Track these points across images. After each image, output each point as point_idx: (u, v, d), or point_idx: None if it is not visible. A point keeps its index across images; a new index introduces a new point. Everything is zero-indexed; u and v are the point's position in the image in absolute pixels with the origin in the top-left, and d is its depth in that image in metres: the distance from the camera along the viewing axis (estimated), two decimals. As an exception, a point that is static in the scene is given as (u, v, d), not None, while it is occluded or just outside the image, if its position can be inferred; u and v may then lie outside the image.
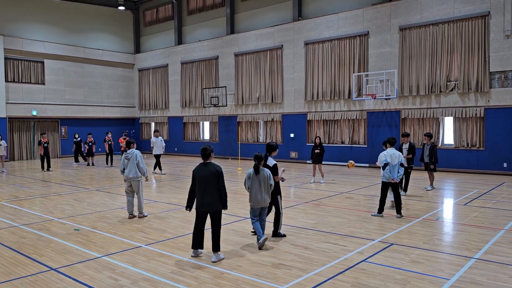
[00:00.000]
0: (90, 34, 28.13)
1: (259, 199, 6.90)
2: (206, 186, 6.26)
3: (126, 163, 9.12)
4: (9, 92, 24.20)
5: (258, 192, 6.90)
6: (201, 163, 6.44)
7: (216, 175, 6.28)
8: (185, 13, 27.38)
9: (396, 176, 8.93)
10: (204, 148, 6.41)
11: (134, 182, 9.13)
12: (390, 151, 9.08)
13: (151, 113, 29.45)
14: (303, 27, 21.04)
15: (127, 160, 9.12)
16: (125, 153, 9.22)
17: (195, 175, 6.39)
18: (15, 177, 17.05)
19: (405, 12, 17.84)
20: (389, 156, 8.98)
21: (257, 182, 6.90)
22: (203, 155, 6.42)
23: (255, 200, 6.92)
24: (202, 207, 6.32)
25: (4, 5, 24.32)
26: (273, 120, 22.60)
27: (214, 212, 6.33)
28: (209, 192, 6.26)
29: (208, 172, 6.29)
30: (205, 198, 6.26)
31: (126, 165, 9.10)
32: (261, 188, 6.88)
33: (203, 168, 6.36)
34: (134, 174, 9.08)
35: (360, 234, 7.72)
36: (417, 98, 17.76)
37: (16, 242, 7.38)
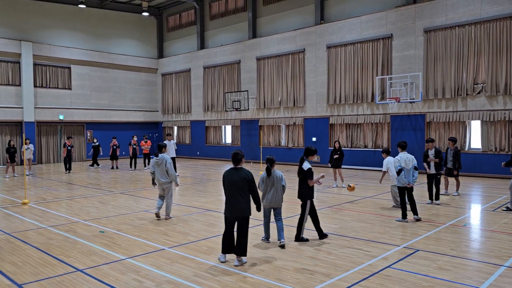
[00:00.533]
0: (115, 40, 28.73)
1: (269, 200, 7.14)
2: (237, 192, 6.18)
3: (156, 168, 9.30)
4: (37, 97, 24.91)
5: (270, 193, 7.13)
6: (232, 168, 6.35)
7: (248, 181, 6.22)
8: (207, 18, 27.65)
9: (411, 180, 8.91)
10: (235, 153, 6.33)
11: (165, 186, 9.34)
12: (403, 155, 9.01)
13: (173, 117, 29.79)
14: (325, 31, 20.93)
15: (157, 165, 9.29)
16: (156, 158, 9.34)
17: (225, 180, 6.30)
18: (42, 179, 17.50)
19: (429, 14, 17.53)
20: (402, 160, 8.92)
21: (270, 183, 7.14)
22: (234, 160, 6.34)
23: (267, 200, 7.17)
24: (233, 213, 6.24)
25: (34, 13, 25.09)
26: (295, 124, 22.53)
27: (244, 218, 6.27)
28: (240, 198, 6.18)
29: (239, 177, 6.21)
30: (237, 204, 6.18)
31: (156, 169, 9.30)
32: (272, 189, 7.13)
33: (234, 173, 6.28)
34: (165, 179, 9.29)
35: (384, 239, 7.59)
36: (442, 101, 17.39)
37: (44, 243, 7.56)
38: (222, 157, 26.21)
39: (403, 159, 8.92)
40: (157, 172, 9.28)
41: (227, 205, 6.27)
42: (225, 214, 6.33)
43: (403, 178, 8.81)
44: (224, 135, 27.08)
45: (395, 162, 8.98)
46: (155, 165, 9.31)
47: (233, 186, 6.19)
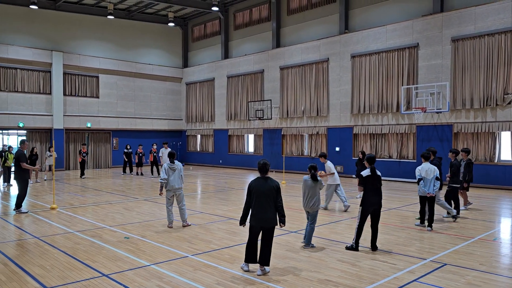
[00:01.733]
0: (141, 50, 29.37)
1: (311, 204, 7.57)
2: (265, 201, 6.13)
3: (171, 173, 9.32)
4: (66, 105, 25.65)
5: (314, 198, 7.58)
6: (260, 178, 6.29)
7: (276, 190, 6.20)
8: (231, 28, 27.96)
9: (432, 190, 9.14)
10: (264, 163, 6.30)
11: (178, 192, 9.40)
12: (425, 165, 9.29)
13: (197, 126, 30.10)
14: (350, 40, 20.84)
15: (172, 171, 9.33)
16: (171, 164, 9.37)
17: (253, 189, 6.22)
18: (69, 185, 17.93)
19: (457, 23, 17.23)
20: (423, 171, 9.21)
21: (313, 189, 7.54)
22: (262, 170, 6.30)
23: (308, 204, 7.61)
24: (260, 223, 6.18)
25: (65, 24, 25.94)
26: (318, 134, 22.41)
27: (270, 228, 6.22)
28: (269, 207, 6.14)
29: (268, 187, 6.17)
30: (264, 214, 6.12)
31: (171, 175, 9.31)
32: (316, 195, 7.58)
33: (263, 183, 6.22)
34: (179, 185, 9.37)
35: (411, 252, 7.42)
36: (470, 112, 16.99)
37: (71, 248, 7.73)
38: (244, 166, 26.27)
39: (424, 169, 9.22)
40: (172, 178, 9.28)
41: (254, 214, 6.20)
42: (251, 223, 6.27)
43: (422, 188, 9.17)
44: (247, 144, 27.17)
45: (416, 172, 9.32)
46: (169, 171, 9.29)
47: (261, 196, 6.14)
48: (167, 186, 9.35)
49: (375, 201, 7.51)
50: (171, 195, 9.42)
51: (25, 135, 24.52)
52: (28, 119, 24.20)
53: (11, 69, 23.99)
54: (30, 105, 24.49)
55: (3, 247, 7.85)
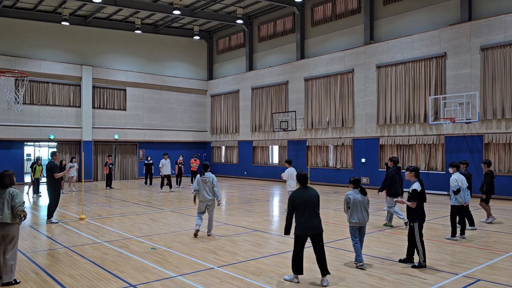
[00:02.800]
0: (167, 63, 29.95)
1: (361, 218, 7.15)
2: (311, 210, 6.31)
3: (203, 185, 9.50)
4: (95, 118, 26.33)
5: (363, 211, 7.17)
6: (301, 188, 6.51)
7: (318, 198, 6.47)
8: (256, 40, 28.19)
9: (467, 199, 9.45)
10: (305, 174, 6.55)
11: (210, 203, 9.59)
12: (459, 175, 9.33)
13: (222, 137, 30.31)
14: (375, 50, 20.66)
15: (204, 183, 9.50)
16: (203, 176, 9.51)
17: (298, 199, 6.34)
18: (97, 196, 18.30)
19: (486, 32, 16.85)
20: (460, 180, 9.22)
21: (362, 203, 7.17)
22: (303, 180, 6.53)
23: (359, 219, 7.13)
24: (309, 231, 6.31)
25: (94, 39, 26.79)
26: (343, 145, 22.18)
27: (319, 234, 6.39)
28: (315, 215, 6.34)
29: (312, 195, 6.40)
30: (312, 222, 6.30)
31: (202, 187, 9.49)
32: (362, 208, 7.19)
33: (305, 192, 6.42)
34: (211, 196, 9.54)
35: (441, 267, 7.19)
36: (502, 122, 16.49)
37: (99, 258, 7.85)
38: (269, 177, 26.21)
39: (460, 179, 9.23)
40: (203, 190, 9.48)
41: (300, 224, 6.30)
42: (297, 233, 6.35)
43: (462, 197, 9.21)
44: (271, 155, 27.14)
45: (452, 181, 9.22)
46: (201, 183, 9.50)
47: (305, 205, 6.30)
48: (199, 197, 9.60)
49: (424, 214, 7.53)
50: (204, 206, 9.63)
51: (56, 147, 25.26)
52: (58, 132, 24.94)
53: (43, 83, 24.86)
54: (61, 118, 25.26)
55: (35, 256, 8.04)
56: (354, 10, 22.19)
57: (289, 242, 9.15)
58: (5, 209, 6.17)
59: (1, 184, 6.33)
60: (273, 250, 8.47)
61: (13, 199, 6.22)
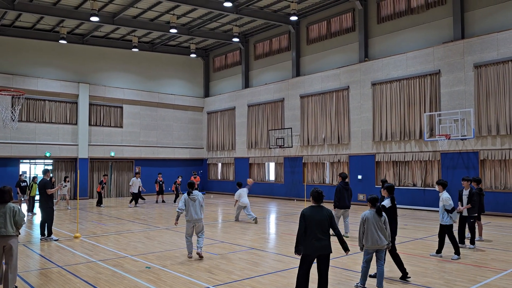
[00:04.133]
0: (164, 80, 30.11)
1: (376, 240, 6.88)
2: (320, 230, 6.06)
3: (191, 204, 9.17)
4: (91, 135, 26.29)
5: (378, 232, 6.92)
6: (313, 206, 6.26)
7: (330, 218, 6.21)
8: (252, 58, 28.45)
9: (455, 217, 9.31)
10: (319, 192, 6.26)
11: (198, 223, 9.25)
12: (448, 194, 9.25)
13: (218, 154, 30.29)
14: (370, 68, 20.88)
15: (192, 201, 9.19)
16: (191, 195, 9.22)
17: (308, 218, 6.12)
18: (93, 214, 18.13)
19: (479, 49, 17.09)
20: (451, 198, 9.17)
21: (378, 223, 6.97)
22: (318, 199, 6.25)
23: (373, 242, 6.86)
24: (316, 251, 6.04)
25: (91, 57, 26.95)
26: (340, 161, 22.19)
27: (327, 255, 6.12)
28: (324, 235, 6.07)
29: (323, 215, 6.14)
30: (321, 242, 6.03)
31: (191, 206, 9.16)
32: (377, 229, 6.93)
33: (317, 210, 6.19)
34: (199, 216, 9.21)
35: (439, 285, 7.13)
36: (497, 138, 16.59)
37: (93, 277, 7.73)
38: (265, 194, 26.11)
39: (451, 197, 9.17)
40: (192, 209, 9.15)
41: (309, 243, 6.03)
42: (305, 253, 6.08)
43: (456, 215, 9.25)
44: (267, 172, 27.09)
45: (447, 200, 9.04)
46: (189, 201, 9.17)
47: (317, 224, 6.06)
48: (186, 217, 9.24)
49: (395, 230, 7.62)
50: (191, 226, 9.27)
51: (52, 164, 25.13)
52: (54, 149, 24.85)
53: (39, 100, 24.88)
54: (57, 135, 25.21)
55: (27, 275, 7.91)
56: (348, 29, 22.50)
57: (285, 261, 9.08)
58: (7, 223, 6.66)
59: (1, 200, 6.82)
60: (269, 269, 8.38)
61: (16, 215, 6.75)
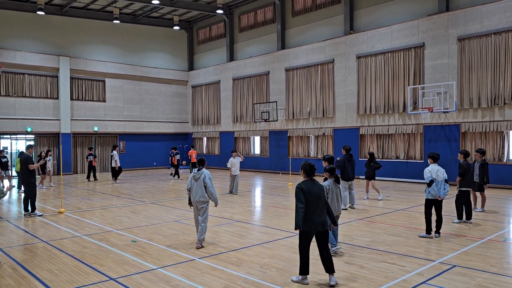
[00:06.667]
0: (147, 54, 29.51)
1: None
2: (318, 205, 5.85)
3: (193, 183, 8.06)
4: (73, 109, 25.82)
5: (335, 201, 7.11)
6: (308, 180, 5.94)
7: (324, 192, 6.05)
8: (236, 31, 28.00)
9: (442, 193, 8.49)
10: (311, 165, 5.95)
11: (200, 206, 8.03)
12: (435, 167, 8.57)
13: (203, 128, 30.16)
14: (355, 41, 20.77)
15: (194, 181, 8.05)
16: (194, 173, 8.13)
17: (306, 192, 5.79)
18: (77, 189, 18.02)
19: (463, 22, 17.11)
20: (434, 172, 8.49)
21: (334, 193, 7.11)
22: (310, 172, 5.95)
23: None
24: (316, 227, 5.83)
25: (71, 29, 26.16)
26: (324, 135, 22.34)
27: (326, 231, 5.95)
28: (322, 210, 5.90)
29: (319, 189, 5.93)
30: (320, 217, 5.85)
31: (193, 186, 8.07)
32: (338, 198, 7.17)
33: (313, 185, 5.90)
34: (199, 198, 8.00)
35: (419, 254, 7.36)
36: (478, 111, 16.85)
37: (79, 252, 7.76)
38: (251, 168, 26.24)
39: (434, 170, 8.49)
40: (193, 189, 8.05)
41: (309, 219, 5.76)
42: (305, 230, 5.81)
43: (435, 190, 8.37)
44: (253, 146, 27.16)
45: (426, 173, 8.49)
46: (192, 180, 8.08)
47: (315, 199, 5.83)
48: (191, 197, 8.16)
49: None
50: (194, 209, 8.16)
51: (33, 139, 24.71)
52: (36, 124, 24.39)
53: (18, 74, 24.21)
54: (38, 110, 24.69)
55: (12, 251, 7.89)
56: (334, 1, 22.20)
57: (270, 233, 9.23)
58: None
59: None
60: (254, 241, 8.52)
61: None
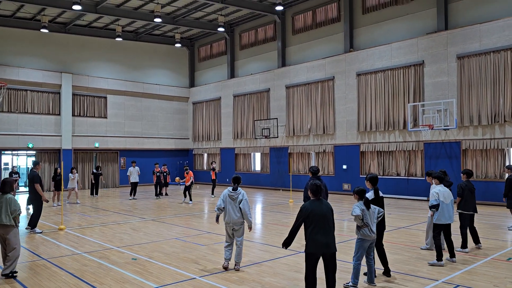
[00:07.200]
0: (149, 70, 29.77)
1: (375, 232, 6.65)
2: (326, 225, 5.60)
3: (229, 203, 7.65)
4: (75, 126, 25.92)
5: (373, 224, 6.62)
6: (314, 200, 5.74)
7: (332, 212, 5.75)
8: (237, 48, 28.29)
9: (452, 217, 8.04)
10: (319, 185, 5.70)
11: (237, 227, 7.63)
12: (442, 188, 8.10)
13: (204, 145, 30.21)
14: (355, 58, 20.97)
15: (232, 201, 7.64)
16: (230, 192, 7.70)
17: (310, 212, 5.60)
18: (77, 206, 17.95)
19: (462, 40, 17.31)
20: (441, 194, 7.95)
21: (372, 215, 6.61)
22: (317, 192, 5.71)
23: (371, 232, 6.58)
24: (322, 249, 5.58)
25: (74, 47, 26.45)
26: (325, 152, 22.37)
27: (334, 254, 5.71)
28: (330, 231, 5.63)
29: (326, 209, 5.68)
30: (326, 238, 5.57)
31: (228, 204, 7.64)
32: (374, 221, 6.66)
33: (319, 204, 5.68)
34: (238, 219, 7.59)
35: (421, 273, 7.30)
36: (479, 128, 16.90)
37: (78, 270, 7.70)
38: (251, 185, 26.20)
39: (442, 192, 7.98)
40: (230, 209, 7.60)
41: (314, 240, 5.56)
42: (310, 251, 5.59)
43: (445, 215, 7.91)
44: (253, 163, 27.16)
45: (433, 195, 7.98)
46: (227, 199, 7.67)
47: (321, 219, 5.59)
48: (225, 218, 7.69)
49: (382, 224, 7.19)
50: (230, 229, 7.67)
51: (34, 155, 24.74)
52: (37, 140, 24.45)
53: (21, 90, 24.38)
54: (40, 126, 24.78)
55: (11, 269, 7.83)
56: (334, 19, 22.52)
57: (271, 251, 9.17)
58: (3, 212, 7.12)
59: (2, 190, 7.29)
60: (256, 259, 8.46)
61: (12, 205, 7.18)
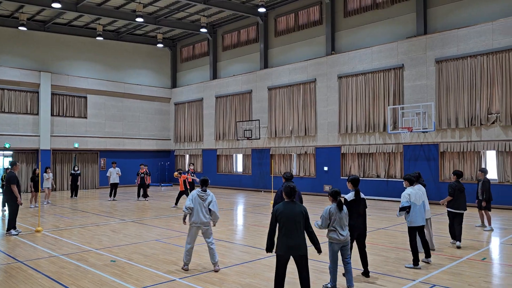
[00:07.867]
0: (130, 70, 29.45)
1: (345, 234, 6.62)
2: (295, 228, 5.61)
3: (198, 203, 7.71)
4: (54, 126, 25.43)
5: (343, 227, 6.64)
6: (287, 202, 5.73)
7: (305, 215, 5.73)
8: (220, 49, 28.25)
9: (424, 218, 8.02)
10: (293, 187, 5.72)
11: (205, 227, 7.74)
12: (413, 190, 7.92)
13: (185, 146, 30.03)
14: (337, 61, 21.19)
15: (201, 201, 7.73)
16: (199, 192, 7.76)
17: (280, 214, 5.64)
18: (55, 207, 17.63)
19: (441, 45, 17.67)
20: (413, 196, 7.80)
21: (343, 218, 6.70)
22: (290, 194, 5.72)
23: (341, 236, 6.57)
24: (290, 251, 5.62)
25: (53, 45, 25.98)
26: (306, 153, 22.51)
27: (303, 256, 5.69)
28: (299, 234, 5.63)
29: (297, 211, 5.67)
30: (295, 241, 5.59)
31: (197, 206, 7.69)
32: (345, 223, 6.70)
33: (291, 207, 5.69)
34: (207, 219, 7.73)
35: (399, 273, 7.42)
36: (456, 131, 17.28)
37: (56, 272, 7.55)
38: (233, 186, 26.16)
39: (413, 194, 7.83)
40: (199, 210, 7.67)
41: (282, 242, 5.61)
42: (278, 253, 5.65)
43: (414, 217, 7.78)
44: (235, 164, 27.14)
45: (404, 197, 7.81)
46: (196, 199, 7.72)
47: (290, 221, 5.61)
48: (191, 219, 7.74)
49: (357, 225, 7.16)
50: (196, 230, 7.76)
51: (12, 156, 24.17)
52: (14, 140, 23.89)
53: (-3, 89, 23.82)
54: (17, 126, 24.23)
55: (-15, 272, 7.64)
56: (316, 22, 22.71)
57: (251, 252, 9.18)
58: None
59: None
60: (236, 260, 8.45)
61: None
